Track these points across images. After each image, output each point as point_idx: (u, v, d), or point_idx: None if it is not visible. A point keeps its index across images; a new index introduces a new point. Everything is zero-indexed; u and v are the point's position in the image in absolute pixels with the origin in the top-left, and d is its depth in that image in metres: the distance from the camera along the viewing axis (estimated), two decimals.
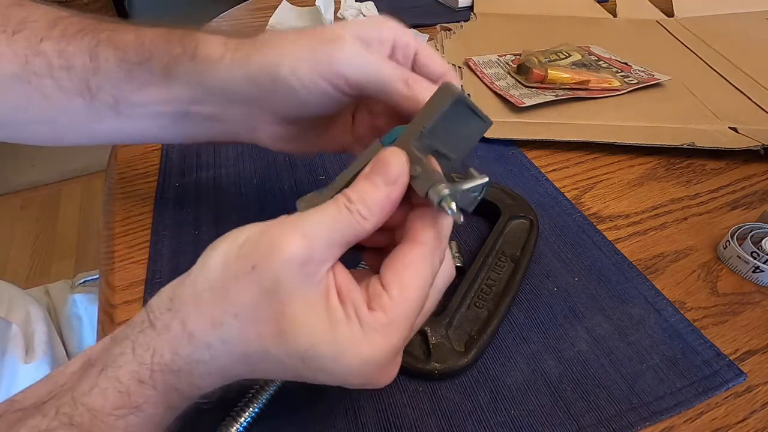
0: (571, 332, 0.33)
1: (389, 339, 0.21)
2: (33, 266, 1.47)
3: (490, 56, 0.62)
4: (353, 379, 0.22)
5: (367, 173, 0.23)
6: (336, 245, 0.22)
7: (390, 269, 0.22)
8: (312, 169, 0.46)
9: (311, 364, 0.21)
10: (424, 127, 0.23)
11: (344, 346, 0.21)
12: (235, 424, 0.27)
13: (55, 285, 0.66)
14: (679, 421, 0.29)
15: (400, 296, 0.22)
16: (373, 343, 0.21)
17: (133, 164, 0.47)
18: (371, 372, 0.22)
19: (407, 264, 0.22)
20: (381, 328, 0.21)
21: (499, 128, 0.50)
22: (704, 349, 0.32)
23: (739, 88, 0.58)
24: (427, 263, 0.23)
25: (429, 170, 0.23)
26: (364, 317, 0.21)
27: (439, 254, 0.23)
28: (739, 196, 0.44)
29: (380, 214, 0.22)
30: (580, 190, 0.45)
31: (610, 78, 0.57)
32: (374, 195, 0.22)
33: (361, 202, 0.22)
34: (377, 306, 0.21)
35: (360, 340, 0.21)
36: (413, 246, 0.23)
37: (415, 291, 0.22)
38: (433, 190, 0.22)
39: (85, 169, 1.76)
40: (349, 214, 0.22)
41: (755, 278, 0.37)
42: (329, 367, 0.21)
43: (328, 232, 0.21)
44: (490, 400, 0.30)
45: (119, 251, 0.39)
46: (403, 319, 0.22)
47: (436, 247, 0.23)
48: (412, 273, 0.22)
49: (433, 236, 0.23)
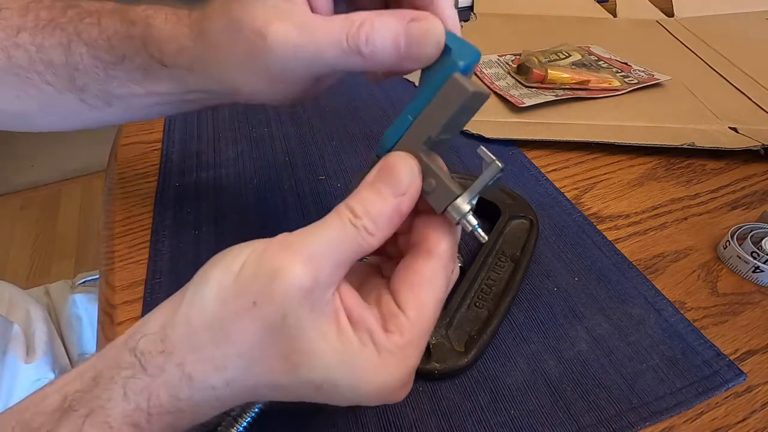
0: (571, 332, 0.33)
1: (407, 360, 0.20)
2: (33, 266, 1.47)
3: (490, 56, 0.62)
4: (371, 401, 0.21)
5: (372, 181, 0.21)
6: (342, 266, 0.20)
7: (405, 285, 0.21)
8: (312, 169, 0.46)
9: (327, 392, 0.20)
10: (434, 133, 0.21)
11: (361, 373, 0.20)
12: (235, 424, 0.27)
13: (55, 285, 0.66)
14: (679, 421, 0.29)
15: (418, 317, 0.20)
16: (390, 366, 0.20)
17: (133, 164, 0.47)
18: (389, 393, 0.21)
19: (424, 281, 0.21)
20: (398, 351, 0.20)
21: (499, 128, 0.50)
22: (704, 349, 0.32)
23: (739, 88, 0.58)
24: (442, 278, 0.21)
25: (444, 184, 0.21)
26: (380, 341, 0.20)
27: (452, 266, 0.22)
28: (739, 196, 0.44)
29: (388, 228, 0.20)
30: (580, 190, 0.45)
31: (610, 78, 0.57)
32: (381, 207, 0.20)
33: (367, 215, 0.20)
34: (394, 328, 0.20)
35: (377, 365, 0.20)
36: (428, 259, 0.21)
37: (432, 309, 0.21)
38: (453, 208, 0.21)
39: (85, 169, 1.76)
40: (354, 230, 0.20)
41: (755, 278, 0.37)
42: (347, 395, 0.20)
43: (332, 253, 0.19)
44: (490, 400, 0.30)
45: (119, 251, 0.39)
46: (420, 339, 0.21)
47: (451, 259, 0.22)
48: (429, 290, 0.21)
49: (448, 247, 0.22)
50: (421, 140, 0.21)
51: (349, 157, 0.48)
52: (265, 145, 0.49)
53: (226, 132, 0.50)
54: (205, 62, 0.27)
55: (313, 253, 0.19)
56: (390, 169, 0.21)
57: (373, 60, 0.22)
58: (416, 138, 0.22)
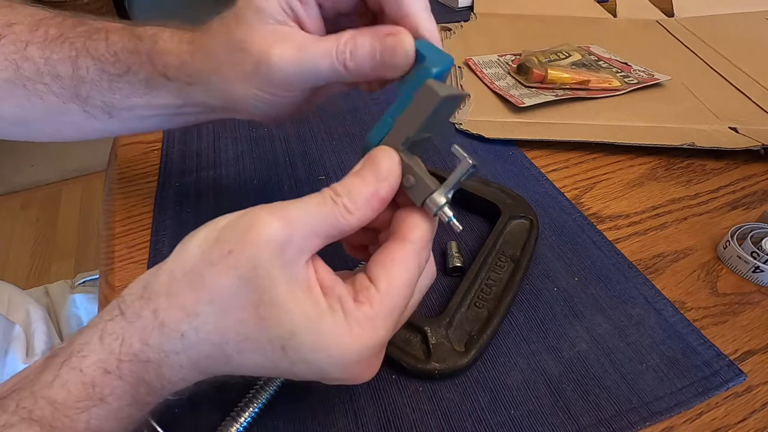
0: (571, 332, 0.33)
1: (374, 332, 0.21)
2: (33, 266, 1.47)
3: (490, 56, 0.62)
4: (333, 371, 0.21)
5: (356, 170, 0.23)
6: (317, 236, 0.21)
7: (378, 264, 0.22)
8: (312, 169, 0.46)
9: (291, 354, 0.21)
10: (410, 133, 0.23)
11: (327, 336, 0.20)
12: (235, 424, 0.27)
13: (54, 285, 0.66)
14: (679, 421, 0.29)
15: (388, 290, 0.22)
16: (357, 334, 0.21)
17: (133, 164, 0.47)
18: (352, 365, 0.21)
19: (396, 260, 0.22)
20: (366, 320, 0.21)
21: (499, 128, 0.50)
22: (704, 349, 0.32)
23: (739, 88, 0.58)
24: (415, 261, 0.23)
25: (422, 180, 0.23)
26: (349, 309, 0.21)
27: (426, 253, 0.24)
28: (739, 196, 0.44)
29: (366, 209, 0.22)
30: (580, 190, 0.45)
31: (610, 78, 0.57)
32: (362, 189, 0.22)
33: (348, 195, 0.22)
34: (364, 298, 0.21)
35: (343, 331, 0.21)
36: (403, 243, 0.23)
37: (402, 286, 0.22)
38: (431, 200, 0.23)
39: (85, 169, 1.76)
40: (333, 205, 0.21)
41: (755, 278, 0.37)
42: (310, 357, 0.21)
43: (309, 221, 0.21)
44: (490, 400, 0.30)
45: (119, 251, 0.39)
46: (388, 313, 0.22)
47: (424, 246, 0.23)
48: (401, 268, 0.22)
49: (422, 235, 0.23)
50: (400, 141, 0.24)
51: (349, 157, 0.48)
52: (265, 145, 0.49)
53: (226, 132, 0.50)
54: (207, 76, 0.29)
55: (290, 215, 0.21)
56: (372, 159, 0.23)
57: (357, 71, 0.25)
58: (396, 138, 0.24)
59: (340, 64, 0.25)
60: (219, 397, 0.28)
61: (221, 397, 0.28)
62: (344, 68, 0.25)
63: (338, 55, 0.25)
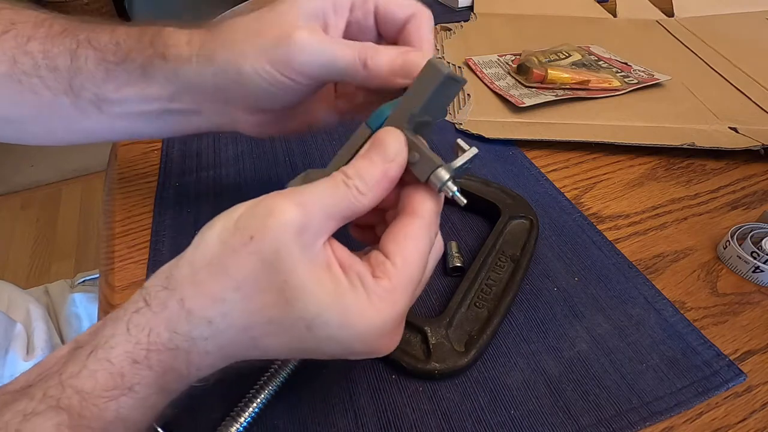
0: (571, 332, 0.33)
1: (394, 305, 0.22)
2: (33, 266, 1.47)
3: (490, 56, 0.62)
4: (359, 346, 0.22)
5: (364, 153, 0.24)
6: (332, 218, 0.22)
7: (391, 241, 0.23)
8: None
9: (318, 332, 0.21)
10: (415, 110, 0.24)
11: (351, 312, 0.21)
12: (235, 423, 0.27)
13: (54, 284, 0.66)
14: (679, 421, 0.29)
15: (404, 264, 0.22)
16: (379, 308, 0.22)
17: (133, 164, 0.47)
18: (377, 338, 0.22)
19: (408, 235, 0.23)
20: (386, 294, 0.22)
21: (499, 128, 0.50)
22: (704, 349, 0.32)
23: (739, 88, 0.58)
24: (426, 235, 0.23)
25: (426, 155, 0.23)
26: (369, 284, 0.22)
27: (435, 228, 0.24)
28: (739, 196, 0.44)
29: (377, 189, 0.23)
30: (580, 190, 0.45)
31: (610, 78, 0.57)
32: (372, 171, 0.23)
33: (359, 177, 0.22)
34: (381, 273, 0.22)
35: (366, 306, 0.21)
36: (413, 218, 0.23)
37: (417, 260, 0.23)
38: (435, 176, 0.23)
39: (85, 169, 1.76)
40: (346, 188, 0.22)
41: (755, 278, 0.37)
42: (336, 334, 0.21)
43: (324, 204, 0.22)
44: (490, 400, 0.30)
45: (119, 251, 0.39)
46: (406, 286, 0.22)
47: (434, 220, 0.24)
48: (414, 243, 0.23)
49: (431, 209, 0.24)
50: (405, 118, 0.24)
51: None
52: (265, 144, 0.49)
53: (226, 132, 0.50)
54: (215, 49, 0.29)
55: (305, 200, 0.21)
56: (380, 141, 0.24)
57: (374, 72, 0.27)
58: (401, 116, 0.24)
59: (361, 61, 0.27)
60: (219, 397, 0.28)
61: (221, 397, 0.28)
62: (363, 66, 0.27)
63: (361, 53, 0.27)
